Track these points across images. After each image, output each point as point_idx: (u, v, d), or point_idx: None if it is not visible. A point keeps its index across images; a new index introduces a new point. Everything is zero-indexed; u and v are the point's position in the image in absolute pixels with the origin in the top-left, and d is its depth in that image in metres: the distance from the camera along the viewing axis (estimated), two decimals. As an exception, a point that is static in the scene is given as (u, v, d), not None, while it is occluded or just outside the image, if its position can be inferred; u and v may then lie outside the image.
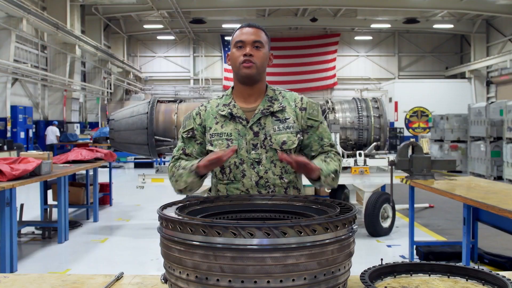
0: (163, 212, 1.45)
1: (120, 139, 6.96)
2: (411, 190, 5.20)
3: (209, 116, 2.10)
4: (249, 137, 2.01)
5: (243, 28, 2.08)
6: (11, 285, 1.60)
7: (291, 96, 2.12)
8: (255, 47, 2.02)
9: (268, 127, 2.02)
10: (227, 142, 2.01)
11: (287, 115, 2.05)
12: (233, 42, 2.08)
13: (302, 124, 2.07)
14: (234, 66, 2.06)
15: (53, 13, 16.79)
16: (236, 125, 2.04)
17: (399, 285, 1.62)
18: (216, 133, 2.04)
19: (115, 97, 25.41)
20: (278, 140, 2.01)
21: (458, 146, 15.08)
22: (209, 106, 2.14)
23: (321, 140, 2.10)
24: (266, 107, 2.05)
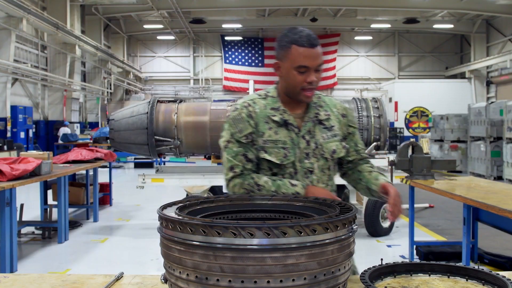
0: (163, 212, 1.45)
1: (120, 139, 6.96)
2: (411, 190, 5.20)
3: (260, 119, 1.96)
4: (302, 146, 1.95)
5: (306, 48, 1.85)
6: (11, 285, 1.60)
7: (331, 102, 2.08)
8: (317, 70, 1.90)
9: (317, 135, 1.98)
10: (284, 152, 1.93)
11: (332, 122, 2.02)
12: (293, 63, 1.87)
13: (344, 131, 2.05)
14: (292, 88, 1.92)
15: (53, 13, 16.80)
16: (289, 133, 1.95)
17: (399, 285, 1.62)
18: (270, 140, 1.93)
19: (115, 97, 25.42)
20: (329, 149, 1.98)
21: (458, 146, 15.08)
22: (257, 108, 1.98)
23: (356, 145, 2.10)
24: (314, 114, 1.99)
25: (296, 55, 1.86)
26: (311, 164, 1.96)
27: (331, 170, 2.05)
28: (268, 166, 1.97)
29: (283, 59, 1.92)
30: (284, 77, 1.94)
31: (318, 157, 1.97)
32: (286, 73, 1.92)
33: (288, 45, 1.89)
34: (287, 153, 1.94)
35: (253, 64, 27.70)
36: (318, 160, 1.97)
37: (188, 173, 6.89)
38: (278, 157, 1.94)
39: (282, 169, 1.96)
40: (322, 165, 1.98)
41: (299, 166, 1.96)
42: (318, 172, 1.98)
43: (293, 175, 1.96)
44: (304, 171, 1.96)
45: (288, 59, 1.89)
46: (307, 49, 1.86)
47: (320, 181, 1.98)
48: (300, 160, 1.95)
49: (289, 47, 1.88)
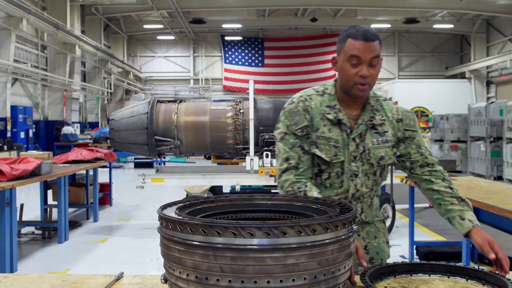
0: (163, 212, 1.45)
1: (120, 139, 6.96)
2: (411, 190, 5.20)
3: (316, 115, 1.94)
4: (351, 149, 1.93)
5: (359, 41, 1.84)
6: (11, 285, 1.60)
7: (388, 106, 2.02)
8: (371, 64, 1.85)
9: (367, 140, 1.94)
10: (335, 150, 1.91)
11: (385, 127, 1.97)
12: (346, 55, 1.86)
13: (399, 136, 2.00)
14: (346, 82, 1.89)
15: (53, 13, 16.79)
16: (342, 132, 1.93)
17: (399, 285, 1.62)
18: (323, 137, 1.92)
19: (115, 97, 25.42)
20: (377, 155, 1.94)
21: (458, 146, 15.08)
22: (314, 103, 1.96)
23: (419, 148, 2.02)
24: (369, 118, 1.95)
25: (349, 47, 1.86)
26: (357, 167, 1.94)
27: (378, 176, 2.01)
28: (317, 162, 1.95)
29: (339, 53, 1.91)
30: (339, 72, 1.93)
31: (364, 162, 1.94)
32: (340, 67, 1.90)
33: (344, 39, 1.88)
34: (337, 152, 1.92)
35: (253, 64, 27.69)
36: (363, 164, 1.95)
37: (188, 173, 6.90)
38: (328, 155, 1.92)
39: (330, 167, 1.94)
40: (366, 170, 1.95)
41: (346, 167, 1.94)
42: (362, 176, 1.95)
43: (339, 175, 1.94)
44: (350, 174, 1.94)
45: (343, 52, 1.88)
46: (361, 41, 1.84)
47: (364, 185, 1.96)
48: (348, 162, 1.94)
49: (345, 40, 1.88)
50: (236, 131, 7.06)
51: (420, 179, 2.03)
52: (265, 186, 7.42)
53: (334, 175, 1.95)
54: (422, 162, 2.02)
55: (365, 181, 1.97)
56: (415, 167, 2.03)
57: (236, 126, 7.05)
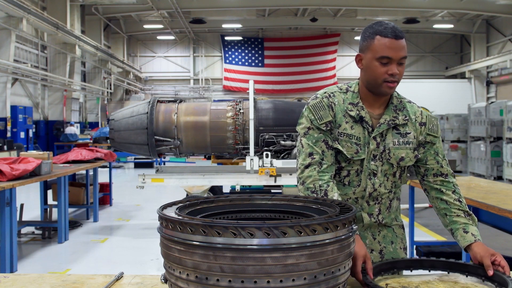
0: (163, 212, 1.45)
1: (120, 139, 6.96)
2: (411, 190, 5.20)
3: (339, 111, 1.93)
4: (372, 147, 1.92)
5: (390, 39, 1.81)
6: (11, 285, 1.60)
7: (412, 108, 2.01)
8: (400, 63, 1.85)
9: (388, 139, 1.92)
10: (357, 147, 1.91)
11: (408, 129, 1.95)
12: (376, 54, 1.83)
13: (420, 139, 1.98)
14: (373, 80, 1.87)
15: (53, 13, 16.79)
16: (363, 130, 1.92)
17: (399, 285, 1.62)
18: (346, 133, 1.91)
19: (115, 97, 25.41)
20: (397, 155, 1.93)
21: (458, 146, 15.08)
22: (337, 100, 1.95)
23: (437, 155, 2.00)
24: (391, 118, 1.93)
25: (379, 46, 1.82)
26: (376, 166, 1.93)
27: (397, 177, 1.99)
28: (337, 159, 1.94)
29: (365, 51, 1.88)
30: (365, 69, 1.90)
31: (384, 161, 1.93)
32: (367, 65, 1.88)
33: (372, 36, 1.85)
34: (359, 150, 1.91)
35: (253, 64, 27.68)
36: (383, 164, 1.93)
37: (188, 173, 6.90)
38: (349, 151, 1.91)
39: (349, 164, 1.93)
40: (386, 170, 1.94)
41: (365, 166, 1.93)
42: (381, 176, 1.94)
43: (358, 173, 1.94)
44: (369, 172, 1.93)
45: (371, 50, 1.85)
46: (391, 40, 1.81)
47: (383, 185, 1.95)
48: (367, 160, 1.93)
49: (373, 38, 1.84)
50: (236, 131, 7.06)
51: (431, 187, 2.01)
52: (265, 186, 7.43)
53: (354, 172, 1.94)
54: (436, 171, 1.99)
55: (384, 181, 1.95)
56: (429, 174, 2.00)
57: (236, 126, 7.05)
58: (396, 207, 2.06)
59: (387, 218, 2.01)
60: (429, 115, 2.04)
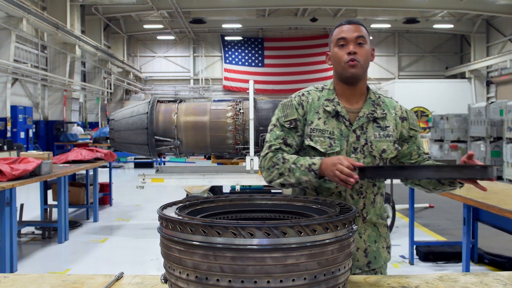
0: (163, 212, 1.45)
1: (120, 139, 6.96)
2: (411, 190, 5.20)
3: (311, 109, 1.99)
4: (351, 140, 1.95)
5: (343, 25, 1.97)
6: (11, 285, 1.60)
7: (391, 103, 2.07)
8: (358, 43, 1.93)
9: (369, 132, 1.97)
10: (330, 141, 1.94)
11: (387, 122, 2.00)
12: (334, 41, 1.98)
13: (403, 134, 2.03)
14: (338, 66, 1.96)
15: (53, 13, 16.79)
16: (339, 124, 1.96)
17: (399, 285, 1.62)
18: (318, 129, 1.96)
19: (115, 97, 25.41)
20: (379, 147, 1.96)
21: (458, 146, 15.08)
22: (311, 98, 2.02)
23: (419, 149, 2.07)
24: (370, 111, 1.99)
25: (335, 34, 1.99)
26: (357, 159, 1.94)
27: None
28: (313, 155, 1.97)
29: (330, 47, 2.03)
30: (332, 62, 2.01)
31: (366, 154, 1.96)
32: (332, 56, 2.00)
33: (332, 32, 2.02)
34: (332, 143, 1.94)
35: (253, 64, 27.69)
36: (365, 157, 1.96)
37: (188, 173, 6.90)
38: (323, 146, 1.94)
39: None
40: (368, 163, 1.96)
41: None
42: None
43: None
44: None
45: (331, 42, 2.01)
46: (344, 25, 1.97)
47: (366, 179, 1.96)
48: (347, 153, 1.95)
49: (332, 32, 2.02)
50: (236, 131, 7.06)
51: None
52: (265, 186, 7.42)
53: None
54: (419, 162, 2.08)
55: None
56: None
57: (236, 126, 7.05)
58: (381, 203, 2.06)
59: (372, 214, 2.01)
60: (407, 110, 2.10)
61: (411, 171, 1.75)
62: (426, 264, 5.23)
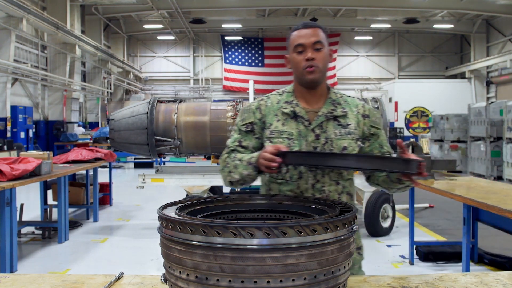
0: (163, 212, 1.45)
1: (120, 139, 6.96)
2: (411, 190, 5.20)
3: (270, 112, 2.03)
4: (310, 139, 1.96)
5: (300, 29, 1.98)
6: (11, 285, 1.60)
7: (353, 102, 2.08)
8: (316, 49, 1.95)
9: (329, 131, 1.98)
10: (288, 142, 1.96)
11: (348, 120, 2.01)
12: (292, 46, 1.98)
13: (364, 132, 2.04)
14: (297, 71, 1.99)
15: (53, 13, 16.79)
16: (298, 125, 1.98)
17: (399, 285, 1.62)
18: (276, 131, 1.99)
19: (115, 97, 25.41)
20: (339, 145, 1.97)
21: (458, 146, 15.07)
22: (270, 102, 2.06)
23: (382, 147, 2.06)
24: (329, 110, 2.00)
25: (293, 39, 1.99)
26: None
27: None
28: None
29: (288, 50, 2.03)
30: (291, 66, 2.02)
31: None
32: (291, 61, 2.01)
33: (289, 35, 2.02)
34: (291, 143, 1.96)
35: (253, 64, 27.69)
36: None
37: (188, 173, 6.89)
38: None
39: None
40: None
41: None
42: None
43: (297, 166, 1.96)
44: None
45: (289, 46, 2.01)
46: (301, 30, 1.97)
47: (326, 176, 1.97)
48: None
49: (289, 36, 2.02)
50: (236, 131, 7.05)
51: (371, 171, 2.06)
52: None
53: (291, 167, 1.97)
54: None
55: (329, 172, 1.97)
56: None
57: (236, 126, 7.04)
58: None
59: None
60: (371, 108, 2.11)
61: (331, 158, 1.70)
62: (426, 264, 5.23)
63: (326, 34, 2.01)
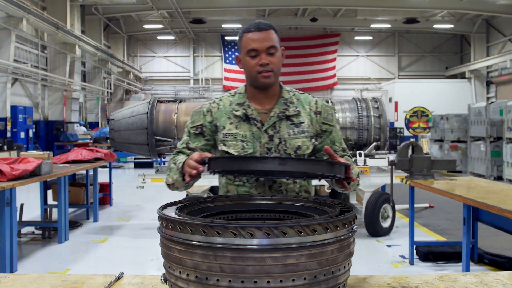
0: (163, 212, 1.45)
1: (120, 139, 6.96)
2: (411, 190, 5.20)
3: (222, 115, 2.01)
4: (263, 141, 1.95)
5: (253, 32, 1.92)
6: (11, 285, 1.60)
7: (306, 99, 2.05)
8: (269, 53, 1.92)
9: (283, 131, 1.96)
10: (242, 144, 1.95)
11: (301, 119, 1.99)
12: (245, 49, 1.94)
13: (316, 128, 2.02)
14: (250, 74, 1.96)
15: (53, 13, 16.79)
16: (250, 127, 1.97)
17: (399, 285, 1.62)
18: (230, 133, 1.97)
19: (115, 97, 25.42)
20: (293, 145, 1.96)
21: (458, 146, 15.07)
22: (222, 104, 2.04)
23: (333, 144, 2.03)
24: (281, 110, 1.98)
25: (246, 41, 1.93)
26: None
27: None
28: None
29: (240, 51, 1.98)
30: (243, 68, 1.99)
31: (281, 153, 1.96)
32: (243, 63, 1.97)
33: (241, 36, 1.97)
34: (245, 146, 1.95)
35: (253, 64, 27.69)
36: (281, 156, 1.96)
37: (188, 173, 6.87)
38: (236, 149, 1.96)
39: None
40: None
41: None
42: None
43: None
44: None
45: (242, 48, 1.96)
46: (254, 33, 1.92)
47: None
48: (261, 154, 1.95)
49: (242, 37, 1.96)
50: (236, 131, 7.05)
51: None
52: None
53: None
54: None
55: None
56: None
57: (236, 126, 7.04)
58: None
59: None
60: (324, 104, 2.07)
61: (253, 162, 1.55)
62: (426, 264, 5.23)
63: (278, 35, 2.00)
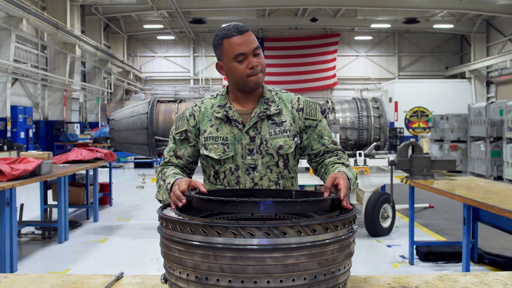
0: (163, 212, 1.45)
1: (120, 139, 6.96)
2: (411, 190, 5.20)
3: (204, 118, 1.99)
4: (245, 142, 1.93)
5: (236, 36, 1.86)
6: (11, 285, 1.60)
7: (288, 97, 2.02)
8: (255, 54, 1.89)
9: (264, 131, 1.93)
10: (223, 147, 1.93)
11: (283, 118, 1.96)
12: (230, 55, 1.87)
13: (300, 126, 1.98)
14: (239, 79, 1.91)
15: (53, 13, 16.79)
16: (232, 128, 1.94)
17: (399, 285, 1.62)
18: (211, 137, 1.95)
19: (115, 97, 25.41)
20: (274, 145, 1.93)
21: (458, 146, 15.07)
22: (204, 107, 2.01)
23: (321, 138, 2.00)
24: (262, 110, 1.95)
25: (229, 47, 1.87)
26: (254, 160, 1.93)
27: (282, 167, 1.96)
28: (211, 164, 1.97)
29: (221, 57, 1.93)
30: (228, 74, 1.94)
31: (263, 154, 1.93)
32: (229, 69, 1.91)
33: (220, 42, 1.90)
34: (226, 149, 1.93)
35: (253, 64, 27.69)
36: (263, 157, 1.94)
37: (188, 173, 6.87)
38: (217, 152, 1.94)
39: (222, 165, 1.95)
40: (267, 162, 1.93)
41: (241, 162, 1.94)
42: (262, 169, 1.94)
43: (233, 171, 1.94)
44: (246, 167, 1.94)
45: (225, 54, 1.90)
46: (237, 37, 1.86)
47: (265, 178, 1.94)
48: (243, 156, 1.93)
49: (221, 43, 1.89)
50: (236, 131, 7.05)
51: (317, 163, 2.02)
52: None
53: (228, 172, 1.95)
54: (323, 152, 2.01)
55: (267, 173, 1.94)
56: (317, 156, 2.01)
57: (236, 126, 7.04)
58: None
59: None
60: (307, 100, 2.04)
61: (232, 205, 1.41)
62: (426, 264, 5.23)
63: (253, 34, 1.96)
